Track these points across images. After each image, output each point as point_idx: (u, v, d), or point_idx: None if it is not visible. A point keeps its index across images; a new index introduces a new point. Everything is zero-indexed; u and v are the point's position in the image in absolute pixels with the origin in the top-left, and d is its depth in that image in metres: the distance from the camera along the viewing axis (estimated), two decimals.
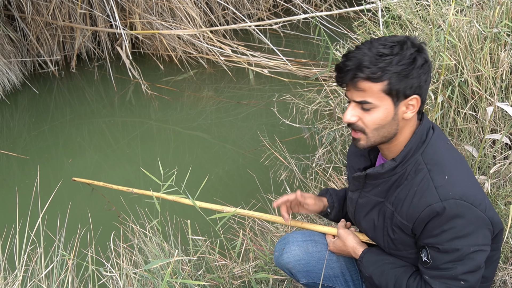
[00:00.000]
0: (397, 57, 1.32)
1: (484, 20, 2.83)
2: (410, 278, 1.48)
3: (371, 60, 1.33)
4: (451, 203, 1.33)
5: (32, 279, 2.06)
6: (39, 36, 5.01)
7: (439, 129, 1.49)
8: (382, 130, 1.41)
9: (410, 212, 1.39)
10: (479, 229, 1.37)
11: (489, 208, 1.39)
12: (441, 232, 1.36)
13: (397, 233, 1.46)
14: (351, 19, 4.66)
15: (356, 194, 1.57)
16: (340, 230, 1.70)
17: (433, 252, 1.39)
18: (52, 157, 3.93)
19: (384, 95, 1.36)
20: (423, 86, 1.38)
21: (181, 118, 4.37)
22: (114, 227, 2.87)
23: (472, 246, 1.36)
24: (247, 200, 2.93)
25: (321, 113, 3.59)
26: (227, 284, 2.12)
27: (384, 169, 1.45)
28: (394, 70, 1.32)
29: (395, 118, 1.40)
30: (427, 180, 1.38)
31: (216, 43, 4.93)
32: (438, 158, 1.41)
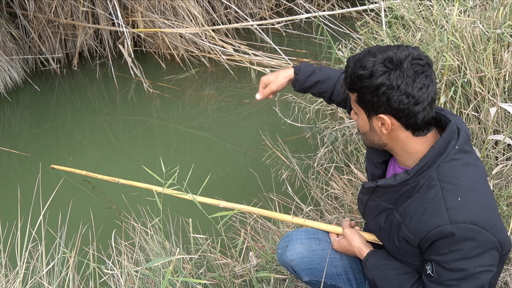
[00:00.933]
0: (365, 73, 1.35)
1: (488, 21, 2.83)
2: (413, 286, 1.48)
3: (350, 71, 1.40)
4: (461, 227, 1.31)
5: (33, 277, 2.06)
6: (41, 33, 5.00)
7: (464, 138, 1.42)
8: (366, 136, 1.48)
9: (418, 229, 1.37)
10: (488, 251, 1.34)
11: (500, 230, 1.35)
12: (449, 252, 1.34)
13: (402, 243, 1.45)
14: (353, 19, 4.66)
15: (366, 196, 1.56)
16: (346, 230, 1.69)
17: (438, 268, 1.37)
18: (53, 155, 3.93)
19: (358, 105, 1.44)
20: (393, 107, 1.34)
21: (182, 117, 4.37)
22: (115, 225, 2.87)
23: (479, 266, 1.34)
24: (249, 199, 2.93)
25: (323, 112, 3.59)
26: (228, 283, 2.12)
27: (396, 181, 1.43)
28: (360, 86, 1.37)
29: (373, 130, 1.44)
30: (439, 199, 1.34)
31: (218, 42, 4.93)
32: (453, 176, 1.36)
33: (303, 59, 4.86)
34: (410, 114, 1.35)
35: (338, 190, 2.79)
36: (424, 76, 1.34)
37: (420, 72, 1.33)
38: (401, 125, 1.38)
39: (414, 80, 1.32)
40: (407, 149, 1.42)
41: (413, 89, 1.32)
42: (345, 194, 2.72)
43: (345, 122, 3.15)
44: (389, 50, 1.35)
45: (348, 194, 2.71)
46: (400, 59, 1.33)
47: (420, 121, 1.37)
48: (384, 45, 1.54)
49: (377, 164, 1.60)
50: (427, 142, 1.41)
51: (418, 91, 1.33)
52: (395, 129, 1.39)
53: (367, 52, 1.38)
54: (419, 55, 1.35)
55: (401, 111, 1.34)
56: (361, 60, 1.37)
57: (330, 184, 2.87)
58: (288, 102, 3.91)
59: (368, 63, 1.35)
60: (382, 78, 1.33)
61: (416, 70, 1.33)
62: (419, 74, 1.33)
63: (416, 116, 1.35)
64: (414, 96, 1.33)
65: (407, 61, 1.33)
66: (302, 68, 1.89)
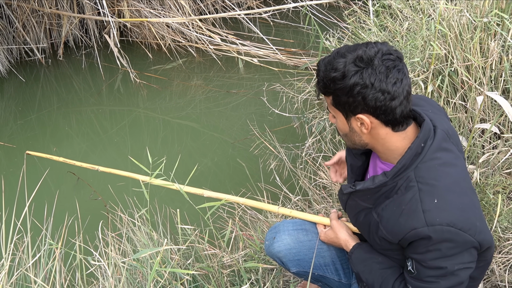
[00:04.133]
0: (337, 75, 1.33)
1: (475, 10, 2.83)
2: (396, 281, 1.49)
3: (322, 75, 1.38)
4: (437, 229, 1.30)
5: (19, 268, 2.04)
6: (25, 23, 4.93)
7: (441, 136, 1.41)
8: (347, 137, 1.47)
9: (395, 231, 1.37)
10: (466, 250, 1.35)
11: (480, 230, 1.35)
12: (426, 251, 1.34)
13: (382, 241, 1.45)
14: (341, 9, 4.65)
15: (345, 196, 1.56)
16: (333, 222, 1.69)
17: (417, 265, 1.38)
18: (39, 146, 3.89)
19: (334, 108, 1.41)
20: (370, 105, 1.33)
21: (170, 107, 4.34)
22: (102, 216, 2.85)
23: (458, 264, 1.34)
24: (237, 189, 2.92)
25: (311, 102, 3.58)
26: (217, 273, 2.12)
27: (374, 184, 1.43)
28: (334, 88, 1.35)
29: (352, 131, 1.42)
30: (415, 201, 1.34)
31: (205, 31, 4.89)
32: (430, 177, 1.35)
33: (290, 49, 4.84)
34: (388, 110, 1.33)
35: (326, 179, 2.79)
36: (396, 70, 1.32)
37: (392, 67, 1.32)
38: (380, 122, 1.37)
39: (387, 76, 1.31)
40: (388, 146, 1.41)
41: (387, 84, 1.31)
42: (333, 184, 2.72)
43: None
44: (358, 49, 1.33)
45: (336, 184, 2.71)
46: (370, 56, 1.31)
47: (398, 115, 1.35)
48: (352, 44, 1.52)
49: (356, 155, 1.59)
50: (407, 137, 1.40)
51: (393, 86, 1.31)
52: (375, 127, 1.38)
53: (336, 54, 1.36)
54: (389, 50, 1.34)
55: (378, 108, 1.33)
56: (332, 62, 1.34)
57: (318, 173, 2.87)
58: (276, 92, 3.90)
59: (339, 64, 1.32)
60: (355, 78, 1.31)
61: (387, 66, 1.31)
62: (391, 69, 1.31)
63: (394, 111, 1.34)
64: (390, 92, 1.31)
65: (377, 57, 1.31)
66: None
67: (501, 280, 1.99)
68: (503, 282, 1.97)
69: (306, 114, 3.41)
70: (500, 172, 2.35)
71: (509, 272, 2.01)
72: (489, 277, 2.03)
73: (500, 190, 2.26)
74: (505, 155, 2.32)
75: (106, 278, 1.98)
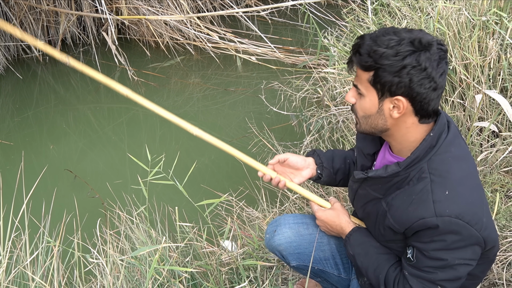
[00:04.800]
0: (389, 51, 1.29)
1: (473, 8, 2.83)
2: (391, 267, 1.49)
3: (367, 48, 1.32)
4: (445, 220, 1.31)
5: (16, 266, 2.03)
6: (23, 20, 4.91)
7: (454, 131, 1.42)
8: (369, 120, 1.41)
9: (403, 219, 1.37)
10: (470, 245, 1.35)
11: (486, 226, 1.35)
12: (431, 241, 1.35)
13: (387, 231, 1.45)
14: (339, 7, 4.64)
15: (356, 184, 1.56)
16: (337, 203, 1.67)
17: (418, 253, 1.38)
18: (36, 143, 3.88)
19: (370, 86, 1.36)
20: (414, 89, 1.30)
21: (167, 105, 4.33)
22: (100, 214, 2.85)
23: (458, 259, 1.35)
24: (235, 187, 2.91)
25: (309, 100, 3.58)
26: (215, 271, 2.12)
27: (386, 173, 1.42)
28: (381, 64, 1.30)
29: (380, 113, 1.38)
30: (426, 192, 1.34)
31: (203, 29, 4.88)
32: (443, 169, 1.35)
33: (289, 47, 4.84)
34: (426, 100, 1.32)
35: None
36: (444, 62, 1.32)
37: (443, 58, 1.31)
38: (413, 110, 1.35)
39: (438, 65, 1.30)
40: (408, 136, 1.40)
41: (436, 74, 1.30)
42: None
43: (331, 110, 3.15)
44: (413, 32, 1.31)
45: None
46: (429, 41, 1.29)
47: (431, 108, 1.35)
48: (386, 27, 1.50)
49: (367, 156, 1.59)
50: (427, 132, 1.40)
51: (439, 77, 1.31)
52: (405, 114, 1.36)
53: (386, 31, 1.32)
54: (441, 41, 1.33)
55: (420, 95, 1.31)
56: (381, 38, 1.31)
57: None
58: (274, 90, 3.90)
59: (392, 42, 1.29)
60: (410, 59, 1.28)
61: (440, 55, 1.30)
62: (442, 59, 1.31)
63: (430, 103, 1.33)
64: (436, 81, 1.30)
65: (434, 44, 1.30)
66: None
67: (498, 278, 1.99)
68: (501, 280, 1.98)
69: (304, 112, 3.40)
70: (498, 171, 2.35)
71: (506, 270, 2.01)
72: (486, 275, 2.04)
73: (498, 188, 2.26)
74: (503, 154, 2.33)
75: (104, 276, 1.97)
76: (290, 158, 1.72)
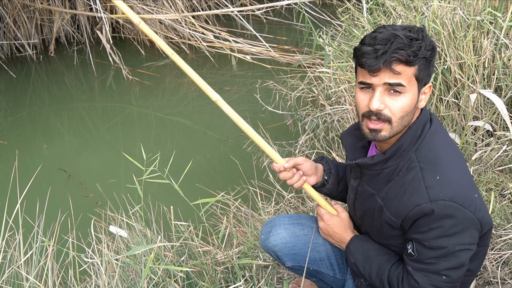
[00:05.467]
0: (424, 43, 1.32)
1: (468, 8, 2.84)
2: (393, 266, 1.49)
3: (405, 42, 1.30)
4: (440, 204, 1.32)
5: (10, 266, 2.02)
6: (16, 18, 4.88)
7: (437, 122, 1.46)
8: (405, 118, 1.37)
9: (399, 210, 1.39)
10: (467, 229, 1.36)
11: (479, 208, 1.37)
12: (429, 230, 1.36)
13: (385, 227, 1.46)
14: (334, 6, 4.65)
15: (356, 182, 1.57)
16: (345, 213, 1.67)
17: (419, 246, 1.39)
18: (30, 143, 3.86)
19: (414, 80, 1.34)
20: (432, 72, 1.40)
21: (162, 104, 4.32)
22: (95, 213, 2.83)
23: (458, 245, 1.36)
24: (230, 187, 2.91)
25: (304, 99, 3.58)
26: (210, 270, 2.11)
27: (373, 160, 1.44)
28: (423, 55, 1.32)
29: (416, 106, 1.38)
30: (418, 179, 1.36)
31: (198, 28, 4.87)
32: (432, 156, 1.38)
33: (284, 46, 4.84)
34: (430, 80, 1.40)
35: None
36: None
37: None
38: None
39: None
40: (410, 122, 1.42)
41: None
42: None
43: (326, 109, 3.15)
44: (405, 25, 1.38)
45: None
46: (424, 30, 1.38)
47: None
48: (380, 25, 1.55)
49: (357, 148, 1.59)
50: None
51: None
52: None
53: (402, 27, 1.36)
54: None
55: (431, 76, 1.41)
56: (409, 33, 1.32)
57: None
58: (269, 89, 3.90)
59: (419, 34, 1.33)
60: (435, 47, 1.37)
61: None
62: None
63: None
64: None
65: None
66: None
67: (493, 277, 2.00)
68: (496, 279, 1.98)
69: (299, 112, 3.40)
70: (493, 170, 2.36)
71: (501, 268, 2.02)
72: (481, 274, 2.05)
73: (492, 187, 2.27)
74: (497, 153, 2.34)
75: (99, 276, 1.96)
76: (304, 164, 1.68)
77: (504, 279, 1.99)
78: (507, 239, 2.06)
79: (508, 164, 2.36)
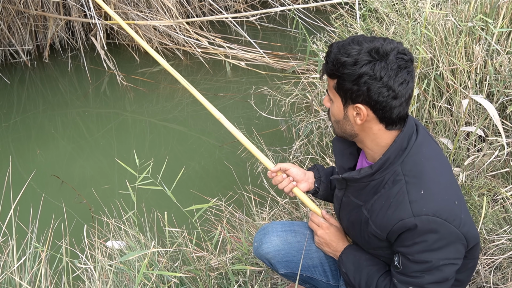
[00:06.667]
0: (349, 60, 1.33)
1: (460, 14, 2.87)
2: (381, 277, 1.51)
3: (333, 57, 1.37)
4: (423, 219, 1.33)
5: (4, 272, 2.01)
6: (11, 25, 4.88)
7: (423, 133, 1.46)
8: (339, 124, 1.47)
9: (384, 223, 1.40)
10: (452, 243, 1.37)
11: (464, 222, 1.37)
12: (413, 244, 1.36)
13: (371, 238, 1.47)
14: (328, 12, 4.68)
15: (341, 192, 1.58)
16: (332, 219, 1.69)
17: (404, 259, 1.40)
18: (24, 149, 3.85)
19: (335, 92, 1.42)
20: (373, 98, 1.34)
21: (157, 110, 4.32)
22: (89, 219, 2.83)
23: (443, 259, 1.36)
24: (224, 193, 2.91)
25: (298, 105, 3.59)
26: (204, 276, 2.11)
27: (360, 175, 1.45)
28: (342, 72, 1.35)
29: (346, 119, 1.43)
30: (402, 193, 1.37)
31: (192, 34, 4.89)
32: (417, 170, 1.38)
33: (278, 52, 4.86)
34: (387, 108, 1.35)
35: None
36: (406, 71, 1.34)
37: (404, 67, 1.34)
38: (376, 117, 1.39)
39: (396, 74, 1.32)
40: (378, 141, 1.43)
41: (395, 83, 1.33)
42: None
43: (320, 115, 3.17)
44: (375, 41, 1.35)
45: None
46: (386, 51, 1.33)
47: (395, 116, 1.38)
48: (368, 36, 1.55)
49: (348, 170, 1.59)
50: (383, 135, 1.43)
51: (399, 86, 1.33)
52: (369, 121, 1.40)
53: (352, 40, 1.37)
54: (404, 50, 1.36)
55: (379, 103, 1.34)
56: (346, 47, 1.35)
57: None
58: (263, 95, 3.91)
59: (353, 51, 1.33)
60: (366, 68, 1.32)
61: (400, 65, 1.33)
62: (402, 69, 1.33)
63: (392, 110, 1.36)
64: (394, 90, 1.33)
65: (393, 54, 1.33)
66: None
67: (486, 282, 2.01)
68: (488, 284, 1.99)
69: (293, 117, 3.42)
70: (485, 175, 2.38)
71: (493, 273, 2.03)
72: (474, 279, 2.05)
73: (485, 192, 2.28)
74: (489, 158, 2.35)
75: (93, 281, 1.96)
76: (291, 169, 1.74)
77: (497, 284, 2.00)
78: (499, 244, 2.07)
79: (500, 169, 2.38)
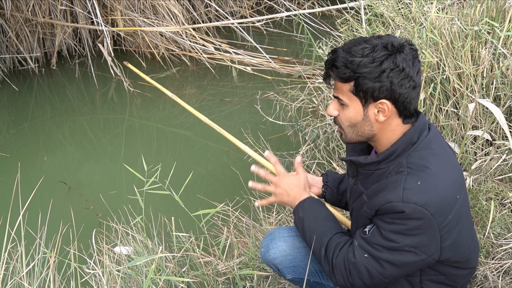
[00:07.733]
0: (366, 59, 1.34)
1: (465, 18, 2.87)
2: (338, 234, 1.52)
3: (343, 61, 1.37)
4: (410, 206, 1.33)
5: (13, 277, 2.03)
6: (19, 32, 4.93)
7: (435, 131, 1.46)
8: (355, 128, 1.46)
9: (374, 203, 1.41)
10: (427, 237, 1.37)
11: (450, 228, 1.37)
12: (391, 222, 1.37)
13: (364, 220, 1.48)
14: (333, 17, 4.69)
15: (353, 180, 1.59)
16: (304, 174, 1.68)
17: (376, 230, 1.41)
18: (32, 155, 3.88)
19: (352, 95, 1.41)
20: (396, 91, 1.36)
21: (163, 116, 4.34)
22: (96, 224, 2.84)
23: (410, 246, 1.37)
24: (231, 197, 2.92)
25: (305, 110, 3.60)
26: (211, 281, 2.12)
27: (366, 160, 1.46)
28: (360, 72, 1.35)
29: (366, 120, 1.43)
30: (399, 181, 1.37)
31: (199, 40, 4.91)
32: (420, 164, 1.39)
33: (284, 57, 4.87)
34: (408, 99, 1.37)
35: None
36: (417, 61, 1.38)
37: (416, 56, 1.38)
38: (396, 111, 1.40)
39: (413, 64, 1.36)
40: (395, 137, 1.44)
41: (414, 72, 1.36)
42: None
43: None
44: (382, 37, 1.37)
45: None
46: (400, 43, 1.36)
47: (413, 107, 1.40)
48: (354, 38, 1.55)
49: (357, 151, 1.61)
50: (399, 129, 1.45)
51: (416, 75, 1.37)
52: (390, 116, 1.41)
53: (356, 42, 1.37)
54: (410, 40, 1.40)
55: (402, 95, 1.36)
56: (354, 48, 1.36)
57: None
58: (270, 100, 3.92)
59: (366, 50, 1.34)
60: (388, 62, 1.33)
61: (413, 54, 1.37)
62: (415, 58, 1.37)
63: (411, 101, 1.39)
64: (414, 80, 1.36)
65: (406, 45, 1.36)
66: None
67: (494, 286, 2.00)
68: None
69: (300, 122, 3.42)
70: (493, 179, 2.37)
71: (502, 278, 2.02)
72: (482, 283, 2.04)
73: (492, 196, 2.27)
74: (497, 162, 2.35)
75: (101, 287, 1.97)
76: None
77: None
78: (508, 249, 2.06)
79: (508, 173, 2.37)
